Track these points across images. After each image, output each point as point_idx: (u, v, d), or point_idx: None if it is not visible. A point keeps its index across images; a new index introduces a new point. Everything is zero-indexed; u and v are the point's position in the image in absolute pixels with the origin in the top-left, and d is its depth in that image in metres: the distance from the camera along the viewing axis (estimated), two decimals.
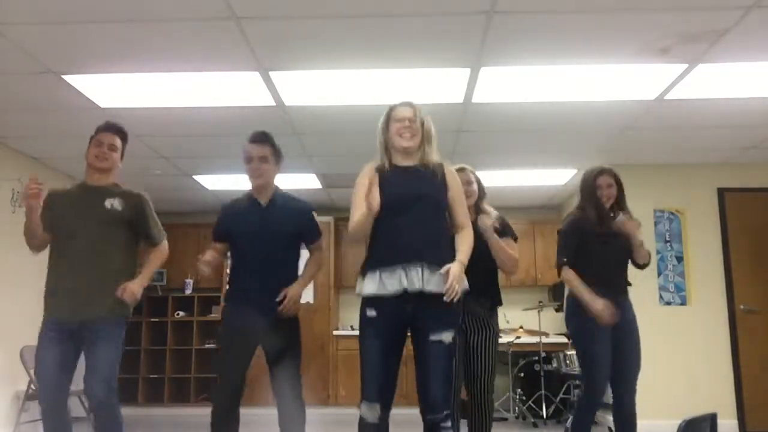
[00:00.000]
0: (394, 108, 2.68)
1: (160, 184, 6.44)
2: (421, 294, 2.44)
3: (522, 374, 6.63)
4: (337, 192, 6.92)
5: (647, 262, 3.51)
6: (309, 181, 6.53)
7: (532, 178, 6.52)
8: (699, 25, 3.33)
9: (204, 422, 3.18)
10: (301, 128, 4.89)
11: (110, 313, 2.98)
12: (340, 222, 7.28)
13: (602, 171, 3.49)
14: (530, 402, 6.34)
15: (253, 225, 3.09)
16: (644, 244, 3.48)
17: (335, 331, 7.19)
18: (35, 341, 3.01)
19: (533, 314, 6.72)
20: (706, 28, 3.36)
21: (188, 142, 5.27)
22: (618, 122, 4.85)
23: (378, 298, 2.48)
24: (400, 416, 2.58)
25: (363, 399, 2.47)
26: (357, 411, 2.50)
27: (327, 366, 7.05)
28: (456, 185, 2.68)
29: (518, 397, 6.51)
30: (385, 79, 3.98)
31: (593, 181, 3.47)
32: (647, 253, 3.48)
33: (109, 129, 3.16)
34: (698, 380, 5.61)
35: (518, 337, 6.45)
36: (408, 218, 2.52)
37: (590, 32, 3.41)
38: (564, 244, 3.47)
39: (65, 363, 2.97)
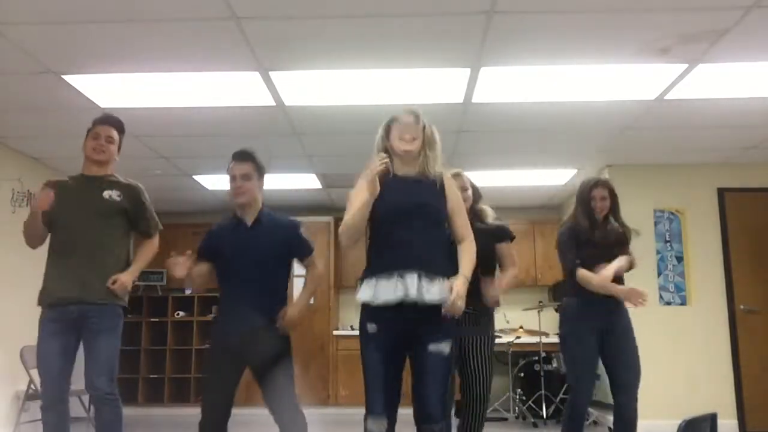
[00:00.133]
0: (397, 115, 2.65)
1: (160, 184, 6.43)
2: (420, 304, 2.41)
3: (522, 374, 6.62)
4: (337, 192, 6.92)
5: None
6: (309, 181, 6.53)
7: (532, 178, 6.52)
8: (699, 25, 3.33)
9: None
10: (301, 128, 4.89)
11: (108, 301, 3.00)
12: (340, 222, 7.25)
13: (598, 183, 3.53)
14: (530, 402, 6.33)
15: (240, 245, 3.02)
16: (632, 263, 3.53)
17: (335, 331, 7.19)
18: (35, 341, 3.02)
19: (533, 314, 6.71)
20: (706, 28, 3.36)
21: (188, 142, 5.27)
22: (618, 122, 4.85)
23: (377, 311, 2.46)
24: (400, 416, 2.58)
25: (369, 413, 2.45)
26: (357, 411, 2.49)
27: (327, 366, 7.05)
28: (455, 196, 2.65)
29: (518, 397, 6.51)
30: (385, 79, 3.97)
31: (588, 193, 3.52)
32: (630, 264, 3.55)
33: (106, 121, 3.17)
34: (698, 380, 5.60)
35: (518, 337, 6.45)
36: (406, 227, 2.49)
37: (590, 32, 3.41)
38: (567, 249, 3.52)
39: (67, 353, 2.99)
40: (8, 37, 3.38)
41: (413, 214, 2.51)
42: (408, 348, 2.51)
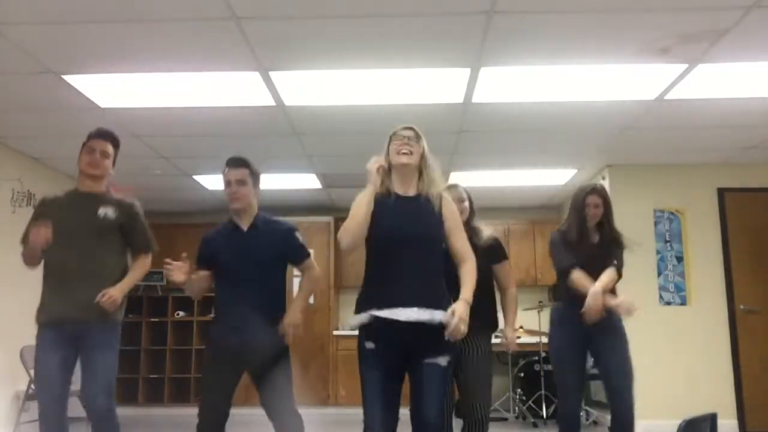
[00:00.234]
0: (396, 129, 2.66)
1: (160, 184, 6.44)
2: (418, 323, 2.40)
3: (522, 374, 6.63)
4: (337, 192, 6.92)
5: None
6: (309, 181, 6.53)
7: (532, 178, 6.51)
8: (699, 25, 3.33)
9: None
10: (301, 128, 4.89)
11: (104, 318, 2.97)
12: (340, 222, 7.24)
13: (593, 190, 3.53)
14: (530, 402, 6.34)
15: (236, 251, 3.03)
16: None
17: (335, 331, 7.19)
18: (35, 341, 3.01)
19: (533, 314, 6.71)
20: (706, 28, 3.36)
21: (188, 142, 5.27)
22: (618, 122, 4.85)
23: (375, 329, 2.46)
24: (400, 416, 2.58)
25: (366, 430, 2.44)
26: (357, 411, 2.48)
27: (327, 366, 7.05)
28: (453, 217, 2.63)
29: (518, 397, 6.52)
30: (385, 79, 3.97)
31: (582, 200, 3.51)
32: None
33: (101, 136, 3.13)
34: (698, 380, 5.60)
35: (518, 337, 6.44)
36: (403, 256, 2.48)
37: (590, 32, 3.41)
38: (560, 251, 3.53)
39: (65, 365, 2.97)
40: (8, 37, 3.38)
41: (411, 244, 2.50)
42: (407, 363, 2.50)
